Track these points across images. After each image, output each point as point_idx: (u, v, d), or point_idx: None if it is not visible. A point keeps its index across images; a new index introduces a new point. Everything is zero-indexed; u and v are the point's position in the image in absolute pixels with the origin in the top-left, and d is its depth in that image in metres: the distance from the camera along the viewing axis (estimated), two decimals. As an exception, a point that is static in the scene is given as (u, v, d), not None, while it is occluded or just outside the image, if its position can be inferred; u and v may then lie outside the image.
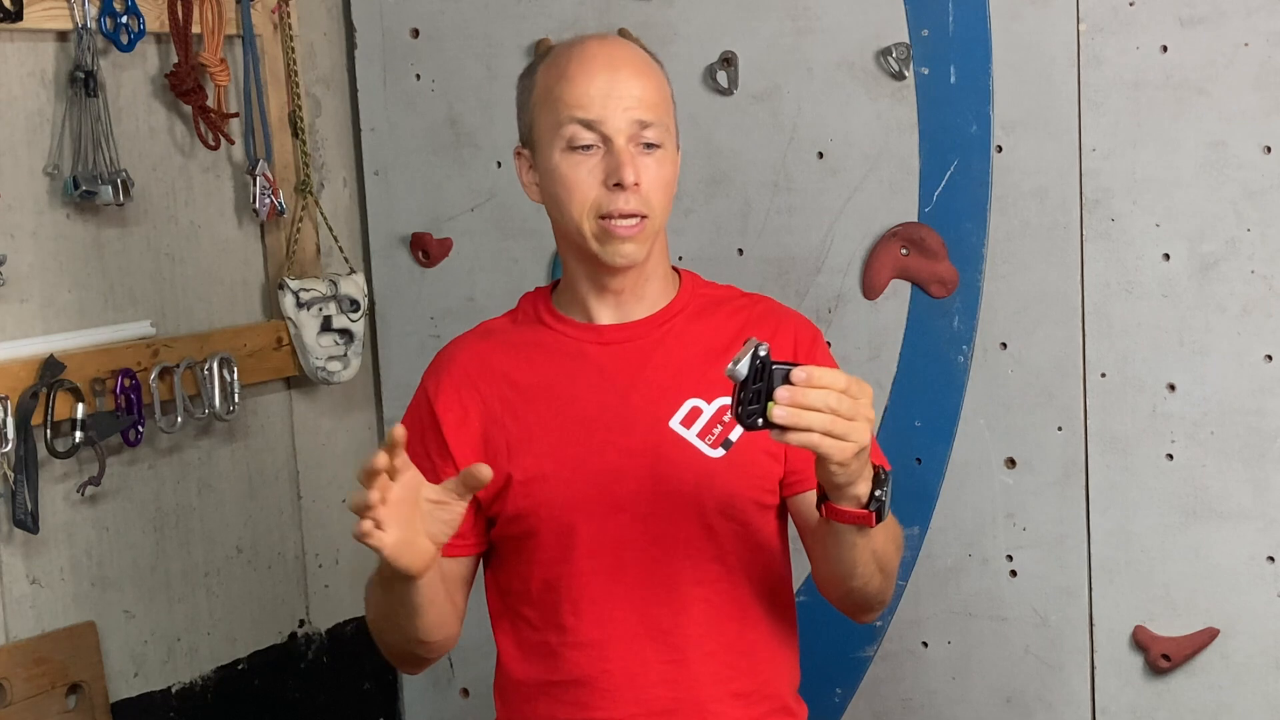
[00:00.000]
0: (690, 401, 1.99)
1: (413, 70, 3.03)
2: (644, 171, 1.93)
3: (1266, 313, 2.48)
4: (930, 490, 2.70)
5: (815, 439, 1.68)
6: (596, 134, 1.93)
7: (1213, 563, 2.54)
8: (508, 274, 2.96)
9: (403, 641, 1.98)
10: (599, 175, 1.93)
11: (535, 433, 1.99)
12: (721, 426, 1.98)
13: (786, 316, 2.09)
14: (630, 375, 2.00)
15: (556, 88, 1.95)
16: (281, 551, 3.01)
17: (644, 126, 1.94)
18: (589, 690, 1.99)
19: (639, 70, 1.97)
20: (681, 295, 2.06)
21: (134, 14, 2.63)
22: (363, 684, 3.17)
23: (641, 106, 1.94)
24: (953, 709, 2.74)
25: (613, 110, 1.93)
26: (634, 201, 1.93)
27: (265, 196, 2.87)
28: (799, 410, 1.67)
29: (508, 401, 2.01)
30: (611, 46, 1.99)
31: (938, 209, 2.65)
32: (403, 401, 3.12)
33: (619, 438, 1.97)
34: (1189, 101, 2.48)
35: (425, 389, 2.07)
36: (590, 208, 1.94)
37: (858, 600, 1.98)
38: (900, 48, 2.64)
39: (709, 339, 2.03)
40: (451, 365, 2.06)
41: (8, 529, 2.50)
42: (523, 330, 2.07)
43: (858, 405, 1.69)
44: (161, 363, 2.67)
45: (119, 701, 2.68)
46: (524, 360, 2.03)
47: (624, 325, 2.03)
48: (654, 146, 1.95)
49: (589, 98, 1.93)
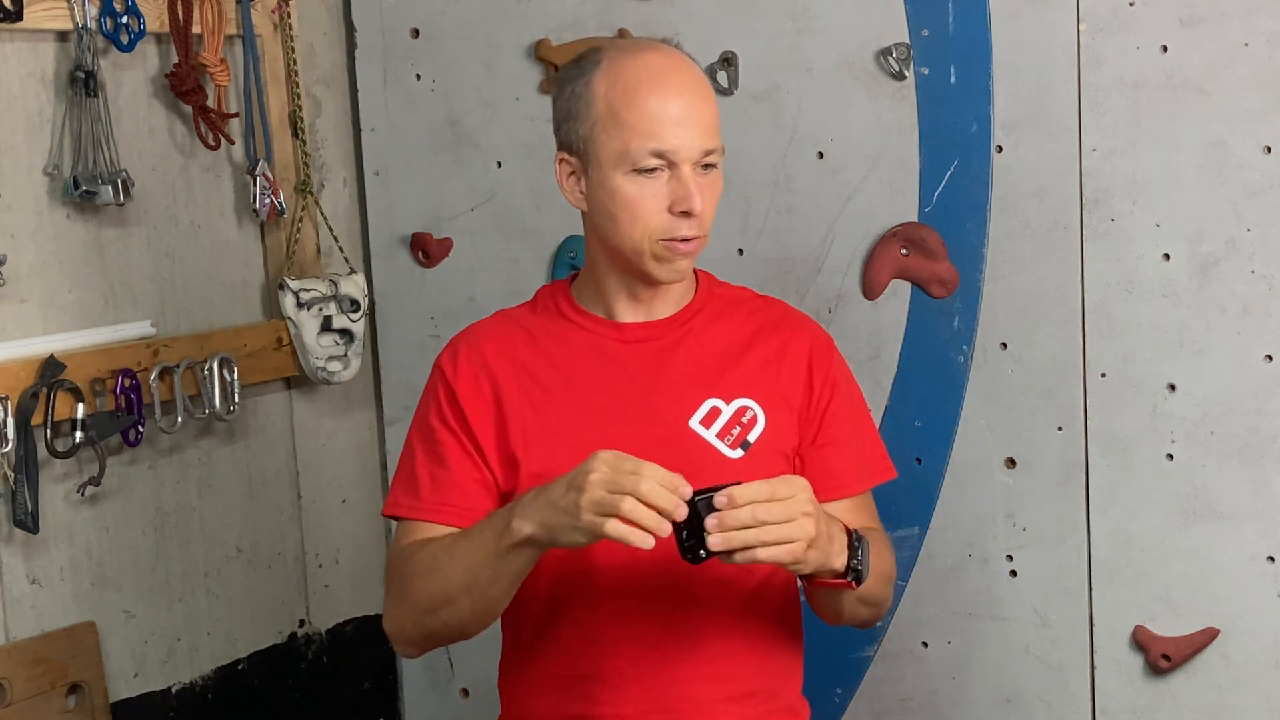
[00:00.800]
0: (710, 401, 2.00)
1: (413, 70, 3.03)
2: (705, 193, 1.95)
3: (1266, 313, 2.48)
4: (930, 490, 2.70)
5: (756, 553, 1.76)
6: (664, 160, 1.93)
7: (1213, 563, 2.54)
8: (508, 274, 2.96)
9: (472, 616, 1.93)
10: (663, 200, 1.94)
11: (554, 425, 1.99)
12: (740, 427, 2.00)
13: (801, 324, 2.10)
14: (652, 373, 2.01)
15: (626, 111, 1.93)
16: (281, 551, 3.01)
17: (708, 153, 1.95)
18: (596, 685, 1.99)
19: (706, 94, 1.97)
20: (700, 295, 2.08)
21: (134, 14, 2.63)
22: (363, 684, 3.17)
23: (710, 134, 1.95)
24: (953, 709, 2.74)
25: (686, 140, 1.93)
26: (697, 226, 1.95)
27: (265, 196, 2.87)
28: (730, 534, 1.75)
29: (527, 391, 2.01)
30: (678, 66, 1.97)
31: (938, 209, 2.65)
32: (403, 402, 3.13)
33: (639, 435, 1.97)
34: (1189, 101, 2.48)
35: (442, 371, 2.06)
36: (653, 230, 1.95)
37: (849, 625, 2.06)
38: (900, 48, 2.64)
39: (728, 339, 2.04)
40: (470, 350, 2.05)
41: (8, 529, 2.50)
42: (543, 321, 2.07)
43: (788, 506, 1.77)
44: (161, 363, 2.67)
45: (119, 701, 2.69)
46: (544, 352, 2.04)
47: (647, 324, 2.04)
48: (712, 167, 1.96)
49: (664, 127, 1.92)
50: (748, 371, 2.03)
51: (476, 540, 1.89)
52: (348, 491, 3.13)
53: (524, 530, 1.83)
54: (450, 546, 1.94)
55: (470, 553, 1.90)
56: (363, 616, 3.16)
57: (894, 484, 2.18)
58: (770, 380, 2.03)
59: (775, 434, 2.02)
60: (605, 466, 1.76)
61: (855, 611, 2.00)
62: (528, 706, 2.05)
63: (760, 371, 2.04)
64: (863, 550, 1.87)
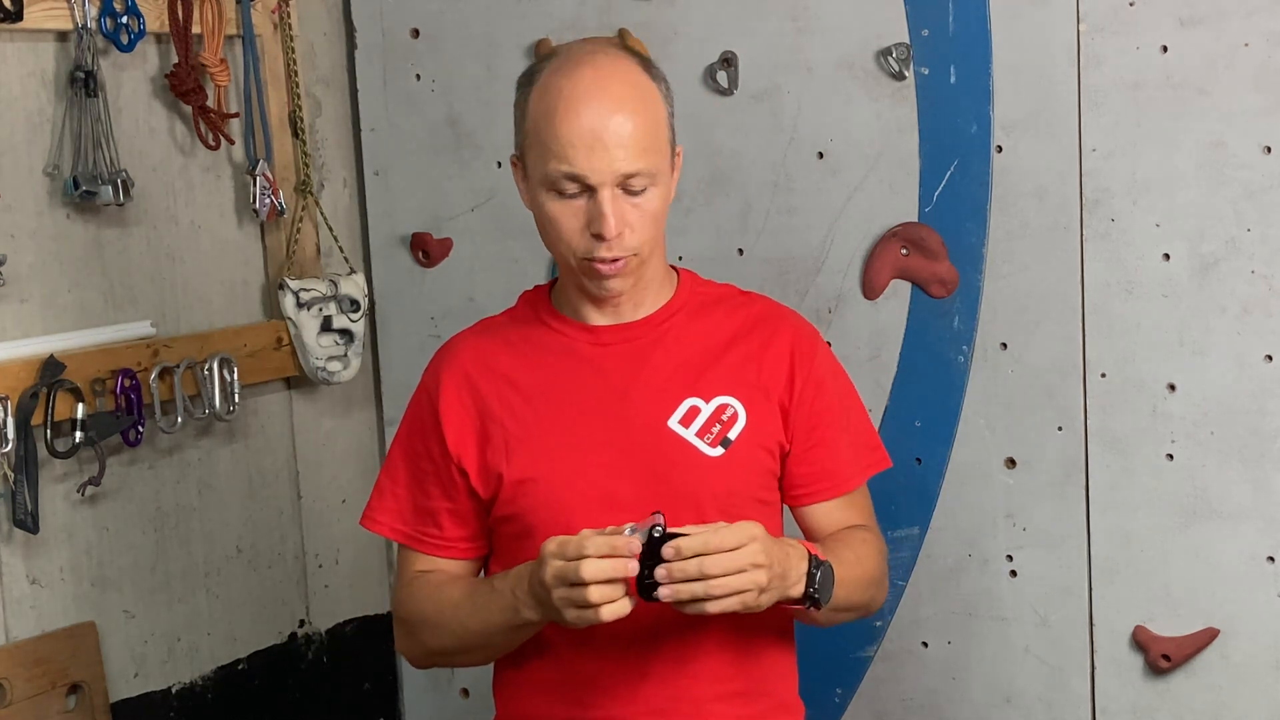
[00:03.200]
0: (688, 401, 1.99)
1: (413, 70, 3.03)
2: (628, 215, 1.90)
3: (1266, 313, 2.48)
4: (930, 490, 2.70)
5: (703, 606, 1.77)
6: (578, 183, 1.90)
7: (1213, 563, 2.54)
8: (508, 274, 2.96)
9: (485, 659, 2.05)
10: (582, 220, 1.91)
11: (534, 432, 2.00)
12: (720, 425, 1.99)
13: (783, 319, 2.08)
14: (628, 375, 2.00)
15: (544, 128, 1.90)
16: (281, 551, 3.01)
17: (629, 177, 1.89)
18: (587, 688, 1.99)
19: (628, 111, 1.88)
20: (680, 295, 2.06)
21: (134, 14, 2.63)
22: (363, 684, 3.17)
23: (628, 157, 1.88)
24: (953, 709, 2.74)
25: (597, 164, 1.87)
26: (616, 248, 1.91)
27: (265, 196, 2.87)
28: (679, 586, 1.76)
29: (506, 400, 2.02)
30: (604, 84, 1.90)
31: (938, 209, 2.65)
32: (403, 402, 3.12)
33: (617, 437, 1.97)
34: (1189, 101, 2.48)
35: (426, 387, 2.08)
36: (574, 250, 1.93)
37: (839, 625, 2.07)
38: (900, 48, 2.64)
39: (707, 338, 2.03)
40: (451, 363, 2.06)
41: (8, 529, 2.50)
42: (521, 329, 2.07)
43: (736, 558, 1.76)
44: (161, 363, 2.67)
45: (119, 701, 2.69)
46: (522, 359, 2.04)
47: (622, 326, 2.03)
48: (640, 190, 1.91)
49: (573, 149, 1.87)
50: (728, 369, 2.02)
51: (484, 613, 1.94)
52: (348, 491, 3.13)
53: (530, 617, 1.88)
54: (458, 606, 1.98)
55: (482, 621, 1.95)
56: (363, 616, 3.16)
57: (894, 484, 2.19)
58: (751, 377, 2.02)
59: (757, 430, 2.00)
60: (552, 562, 1.79)
61: (832, 618, 1.99)
62: (521, 710, 2.05)
63: (741, 368, 2.02)
64: (822, 576, 1.86)
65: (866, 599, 2.02)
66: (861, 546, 2.02)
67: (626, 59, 1.96)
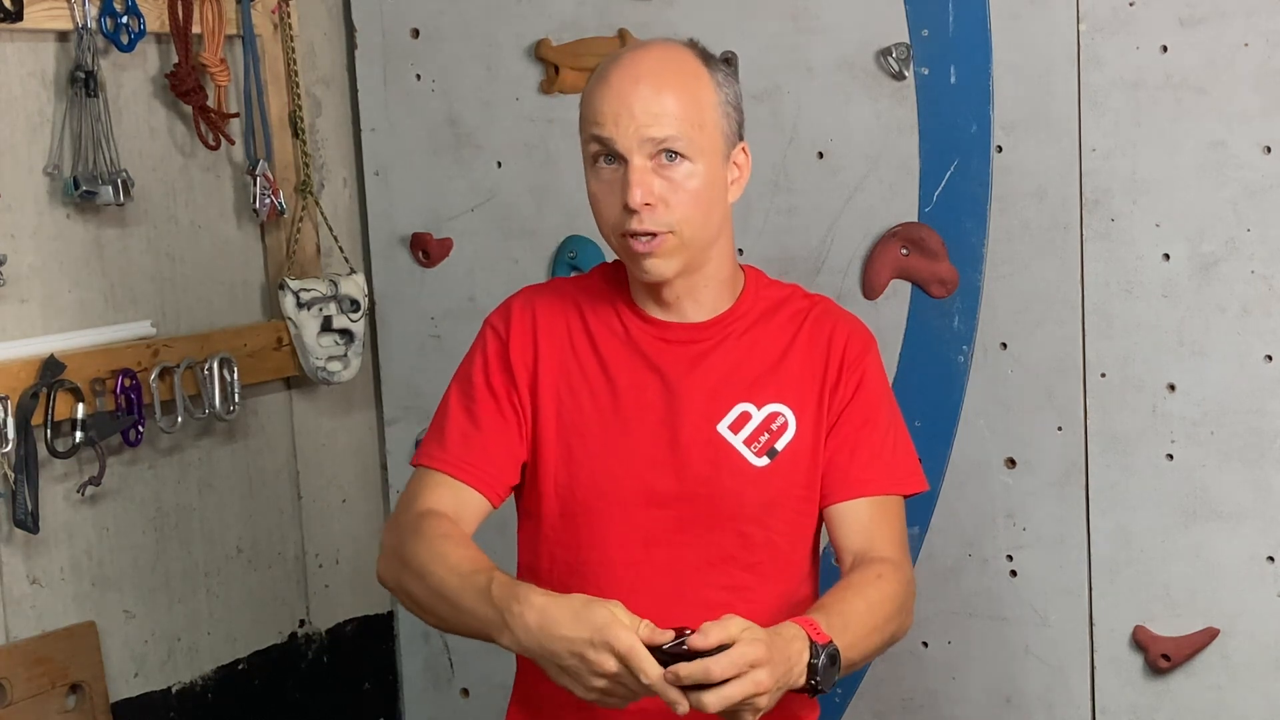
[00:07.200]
0: (740, 406, 1.98)
1: (413, 70, 3.03)
2: (661, 188, 1.89)
3: (1266, 313, 2.48)
4: (930, 490, 2.69)
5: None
6: (606, 148, 1.91)
7: (1213, 563, 2.54)
8: (508, 274, 2.96)
9: (442, 627, 1.94)
10: (618, 194, 1.91)
11: (587, 414, 1.99)
12: (769, 435, 1.98)
13: (839, 323, 2.05)
14: (686, 375, 1.99)
15: (585, 103, 1.94)
16: (281, 551, 3.01)
17: (659, 142, 1.89)
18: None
19: (661, 83, 1.89)
20: (744, 299, 2.04)
21: (134, 14, 2.63)
22: (363, 684, 3.17)
23: (655, 123, 1.88)
24: (953, 709, 2.74)
25: (624, 128, 1.88)
26: (647, 221, 1.90)
27: (265, 196, 2.87)
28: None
29: (567, 372, 2.01)
30: (641, 58, 1.93)
31: (938, 209, 2.65)
32: (403, 402, 3.13)
33: (665, 435, 1.96)
34: (1189, 101, 2.48)
35: (494, 327, 2.05)
36: (613, 225, 1.93)
37: None
38: (900, 48, 2.64)
39: (767, 342, 2.02)
40: (522, 311, 2.04)
41: (8, 529, 2.50)
42: (593, 302, 2.04)
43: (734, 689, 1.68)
44: (162, 363, 2.67)
45: (119, 701, 2.69)
46: (588, 337, 2.02)
47: (687, 325, 2.01)
48: (678, 158, 1.90)
49: (602, 114, 1.90)
50: (785, 377, 2.00)
51: (470, 607, 1.83)
52: (348, 491, 3.14)
53: (508, 646, 1.79)
54: (447, 580, 1.86)
55: (465, 612, 1.84)
56: (363, 616, 3.16)
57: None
58: (808, 386, 2.00)
59: (805, 444, 1.98)
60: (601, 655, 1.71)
61: (853, 669, 1.91)
62: (535, 694, 2.04)
63: (798, 377, 2.00)
64: (822, 665, 1.77)
65: (884, 640, 1.93)
66: (874, 589, 1.91)
67: (680, 47, 1.97)
